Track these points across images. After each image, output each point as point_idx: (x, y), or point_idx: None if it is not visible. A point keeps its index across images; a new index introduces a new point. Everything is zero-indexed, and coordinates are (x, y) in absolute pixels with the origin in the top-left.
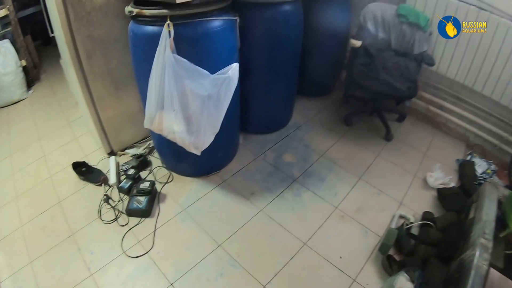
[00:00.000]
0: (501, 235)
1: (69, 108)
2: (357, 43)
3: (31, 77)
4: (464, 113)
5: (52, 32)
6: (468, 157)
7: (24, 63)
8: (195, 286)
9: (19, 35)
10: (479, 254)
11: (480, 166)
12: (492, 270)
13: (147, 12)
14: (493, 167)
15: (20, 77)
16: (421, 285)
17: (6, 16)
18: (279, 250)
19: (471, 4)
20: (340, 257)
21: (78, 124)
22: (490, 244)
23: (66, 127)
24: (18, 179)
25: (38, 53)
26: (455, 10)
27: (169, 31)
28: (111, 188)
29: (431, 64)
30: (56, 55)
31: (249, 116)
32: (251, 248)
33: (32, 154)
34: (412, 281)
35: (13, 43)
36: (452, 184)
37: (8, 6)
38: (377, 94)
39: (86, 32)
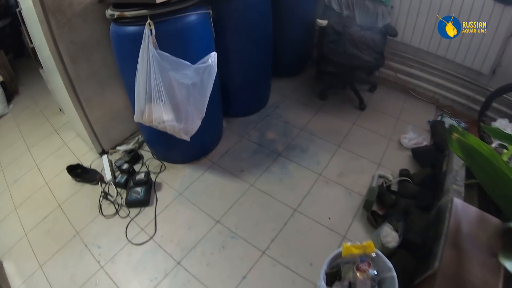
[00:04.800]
0: (466, 182)
1: (53, 115)
2: (323, 22)
3: (10, 91)
4: (431, 78)
5: (31, 42)
6: (439, 118)
7: (1, 78)
8: (201, 260)
9: None
10: (453, 198)
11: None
12: (455, 199)
13: (128, 14)
14: (463, 125)
15: None
16: (405, 232)
17: None
18: (273, 218)
19: None
20: (329, 218)
21: (65, 130)
22: (462, 189)
23: (54, 134)
24: (14, 191)
25: (12, 66)
26: None
27: (151, 29)
28: (108, 185)
29: (394, 35)
30: (31, 66)
31: (230, 101)
32: (247, 219)
33: (24, 165)
34: (396, 230)
35: None
36: (425, 143)
37: None
38: (346, 67)
39: (68, 39)
